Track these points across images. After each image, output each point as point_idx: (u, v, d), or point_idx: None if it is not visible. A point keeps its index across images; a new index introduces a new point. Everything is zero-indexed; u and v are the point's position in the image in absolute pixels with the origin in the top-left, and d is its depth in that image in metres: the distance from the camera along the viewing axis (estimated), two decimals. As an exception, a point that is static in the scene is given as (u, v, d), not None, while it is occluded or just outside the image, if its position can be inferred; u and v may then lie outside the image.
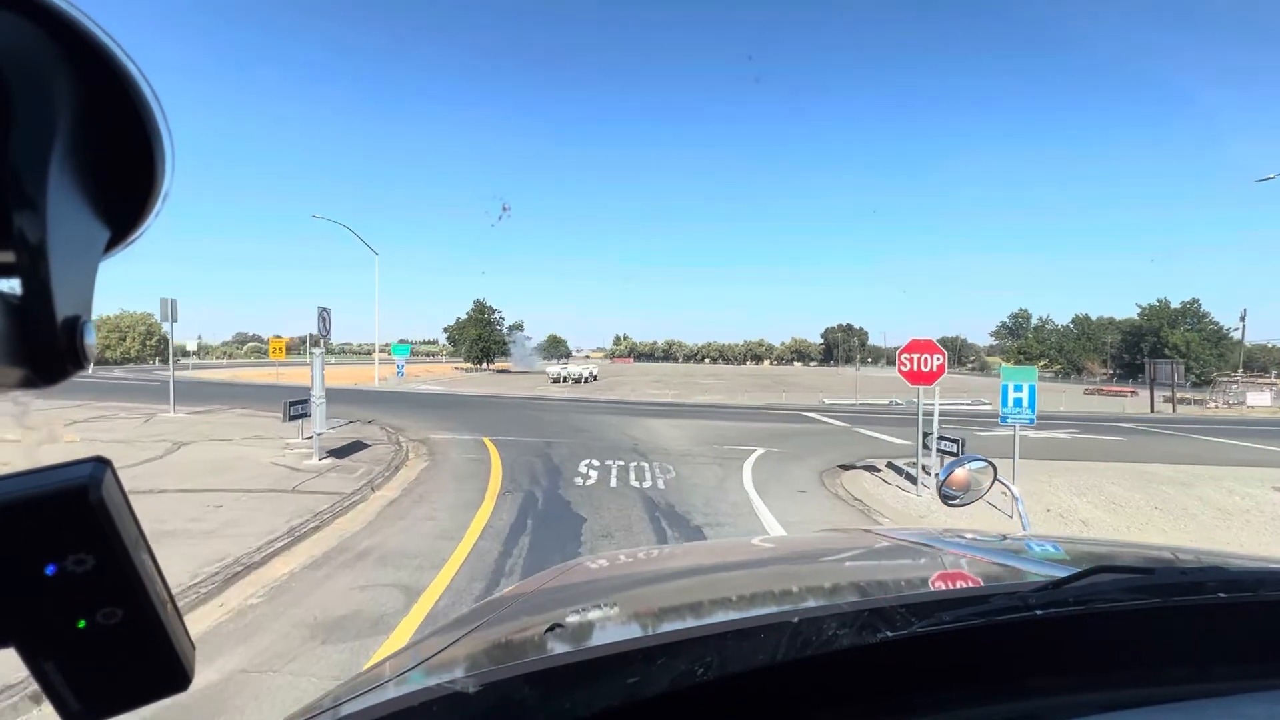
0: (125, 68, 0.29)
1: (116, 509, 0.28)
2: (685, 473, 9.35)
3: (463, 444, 11.59)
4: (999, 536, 1.41)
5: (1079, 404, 36.19)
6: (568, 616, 0.90)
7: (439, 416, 16.05)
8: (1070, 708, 0.63)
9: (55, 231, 0.27)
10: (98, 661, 0.29)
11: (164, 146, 0.31)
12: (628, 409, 21.12)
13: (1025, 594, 0.68)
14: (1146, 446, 14.87)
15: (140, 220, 0.33)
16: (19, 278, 0.27)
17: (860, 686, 0.64)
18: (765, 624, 0.63)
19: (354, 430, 12.42)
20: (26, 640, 0.28)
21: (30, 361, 0.28)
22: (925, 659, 0.66)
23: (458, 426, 14.03)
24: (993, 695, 0.65)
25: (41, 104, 0.27)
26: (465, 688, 0.54)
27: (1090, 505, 7.88)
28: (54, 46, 0.27)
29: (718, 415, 19.89)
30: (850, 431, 15.83)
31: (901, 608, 0.64)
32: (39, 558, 0.27)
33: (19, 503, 0.26)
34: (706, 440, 12.97)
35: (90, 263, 0.31)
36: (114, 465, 0.29)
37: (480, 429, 13.64)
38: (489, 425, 14.29)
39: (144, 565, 0.30)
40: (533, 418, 16.40)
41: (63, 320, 0.28)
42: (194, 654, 0.33)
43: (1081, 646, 0.69)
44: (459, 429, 13.63)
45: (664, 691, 0.55)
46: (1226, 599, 0.70)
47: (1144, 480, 9.68)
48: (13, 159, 0.26)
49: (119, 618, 0.29)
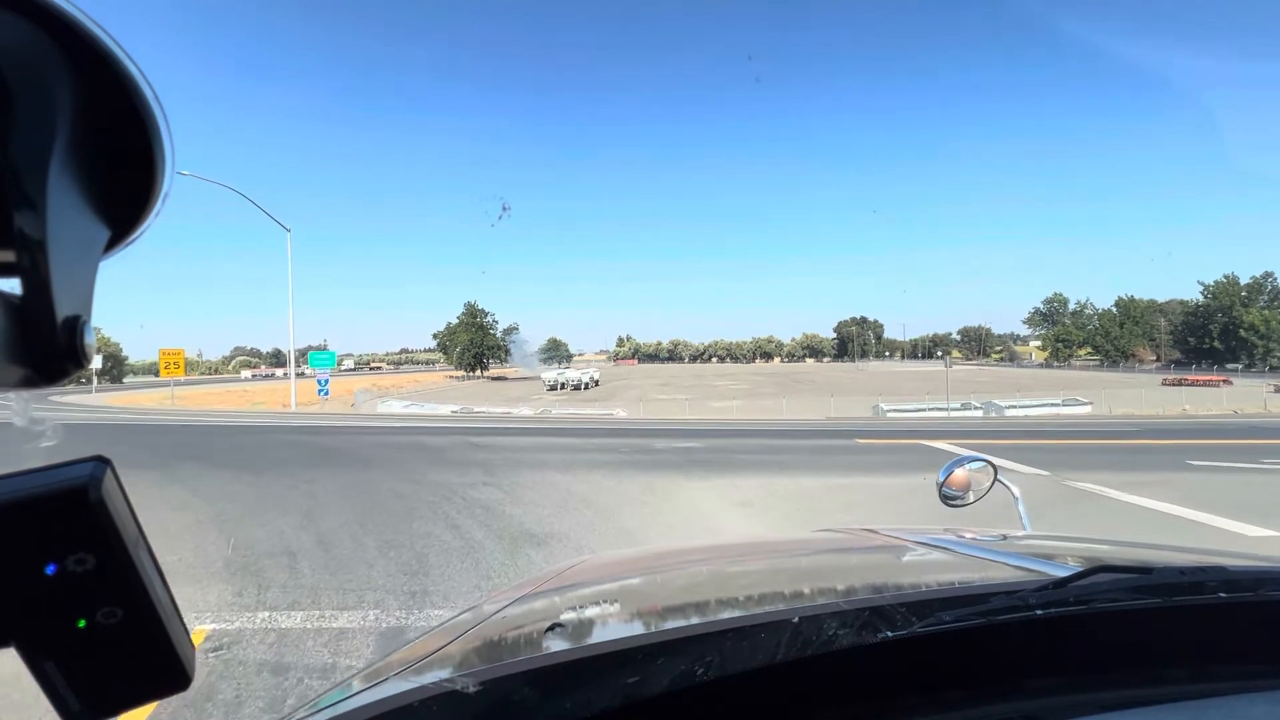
0: (125, 68, 0.29)
1: (117, 509, 0.28)
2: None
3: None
4: (999, 536, 1.36)
5: (1171, 399, 29.52)
6: (568, 615, 0.94)
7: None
8: (1070, 708, 0.63)
9: (55, 231, 0.27)
10: (98, 661, 0.29)
11: (164, 146, 0.31)
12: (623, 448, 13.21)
13: (1025, 594, 0.67)
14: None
15: (140, 220, 0.33)
16: (19, 277, 0.27)
17: (860, 686, 0.65)
18: (765, 623, 0.63)
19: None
20: (27, 640, 0.28)
21: (30, 361, 0.27)
22: (925, 659, 0.65)
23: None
24: (993, 695, 0.65)
25: (41, 104, 0.27)
26: (464, 686, 0.54)
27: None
28: (54, 46, 0.27)
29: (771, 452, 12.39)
30: (1095, 499, 7.88)
31: (901, 607, 0.64)
32: (39, 557, 0.27)
33: (19, 502, 0.26)
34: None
35: (90, 262, 0.31)
36: (114, 465, 0.29)
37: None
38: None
39: (144, 565, 0.29)
40: (402, 501, 7.04)
41: (63, 320, 0.28)
42: (194, 654, 0.33)
43: (1082, 646, 0.69)
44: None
45: (664, 691, 0.55)
46: (1227, 599, 0.70)
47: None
48: (13, 159, 0.26)
49: (119, 618, 0.29)
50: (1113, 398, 28.68)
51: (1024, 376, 57.02)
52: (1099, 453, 11.84)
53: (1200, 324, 69.88)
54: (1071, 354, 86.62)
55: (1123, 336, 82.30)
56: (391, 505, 6.85)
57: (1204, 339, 68.45)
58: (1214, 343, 67.04)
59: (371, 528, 5.94)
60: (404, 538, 5.58)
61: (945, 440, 12.69)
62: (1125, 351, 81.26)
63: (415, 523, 6.12)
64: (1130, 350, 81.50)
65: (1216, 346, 66.84)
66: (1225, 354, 65.63)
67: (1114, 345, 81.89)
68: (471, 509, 6.67)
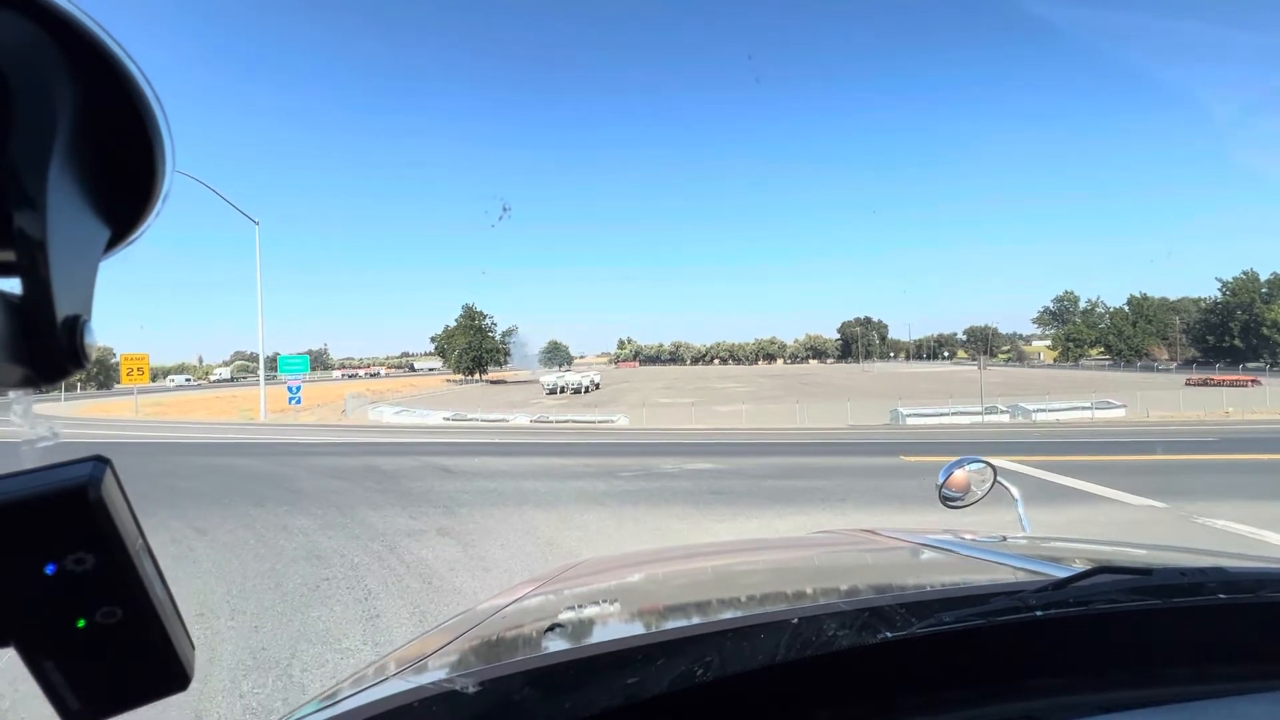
0: (126, 67, 0.29)
1: (116, 508, 0.28)
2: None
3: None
4: (999, 537, 1.37)
5: (1203, 401, 27.52)
6: (567, 615, 0.94)
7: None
8: (1070, 708, 0.63)
9: (55, 231, 0.27)
10: (98, 661, 0.29)
11: (164, 146, 0.31)
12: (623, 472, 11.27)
13: (1025, 594, 0.67)
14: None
15: (140, 220, 0.33)
16: (19, 277, 0.27)
17: (860, 687, 0.65)
18: (765, 624, 0.63)
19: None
20: (26, 640, 0.28)
21: (30, 361, 0.28)
22: (925, 659, 0.65)
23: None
24: (993, 695, 0.65)
25: (42, 104, 0.27)
26: (464, 686, 0.54)
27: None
28: (54, 46, 0.27)
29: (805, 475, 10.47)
30: (1255, 545, 5.87)
31: (901, 608, 0.64)
32: (39, 557, 0.27)
33: (19, 502, 0.26)
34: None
35: (90, 262, 0.31)
36: (114, 464, 0.29)
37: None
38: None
39: (144, 565, 0.29)
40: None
41: (63, 320, 0.28)
42: (194, 654, 0.33)
43: (1082, 647, 0.70)
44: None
45: (664, 691, 0.55)
46: (1226, 600, 0.70)
47: None
48: (13, 158, 0.26)
49: (119, 618, 0.29)
50: (1143, 399, 26.79)
51: (1038, 377, 55.18)
52: (1197, 472, 9.83)
53: (1220, 322, 67.54)
54: (1082, 353, 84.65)
55: (1136, 335, 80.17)
56: (293, 576, 4.83)
57: (1224, 337, 66.15)
58: (1234, 341, 64.77)
59: (244, 619, 3.94)
60: (283, 643, 3.58)
61: (1006, 457, 10.63)
62: (1139, 351, 79.16)
63: (315, 610, 4.11)
64: (1144, 349, 79.40)
65: (1237, 345, 64.57)
66: (1246, 353, 63.42)
67: (1127, 344, 79.75)
68: (407, 580, 4.66)
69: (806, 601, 0.86)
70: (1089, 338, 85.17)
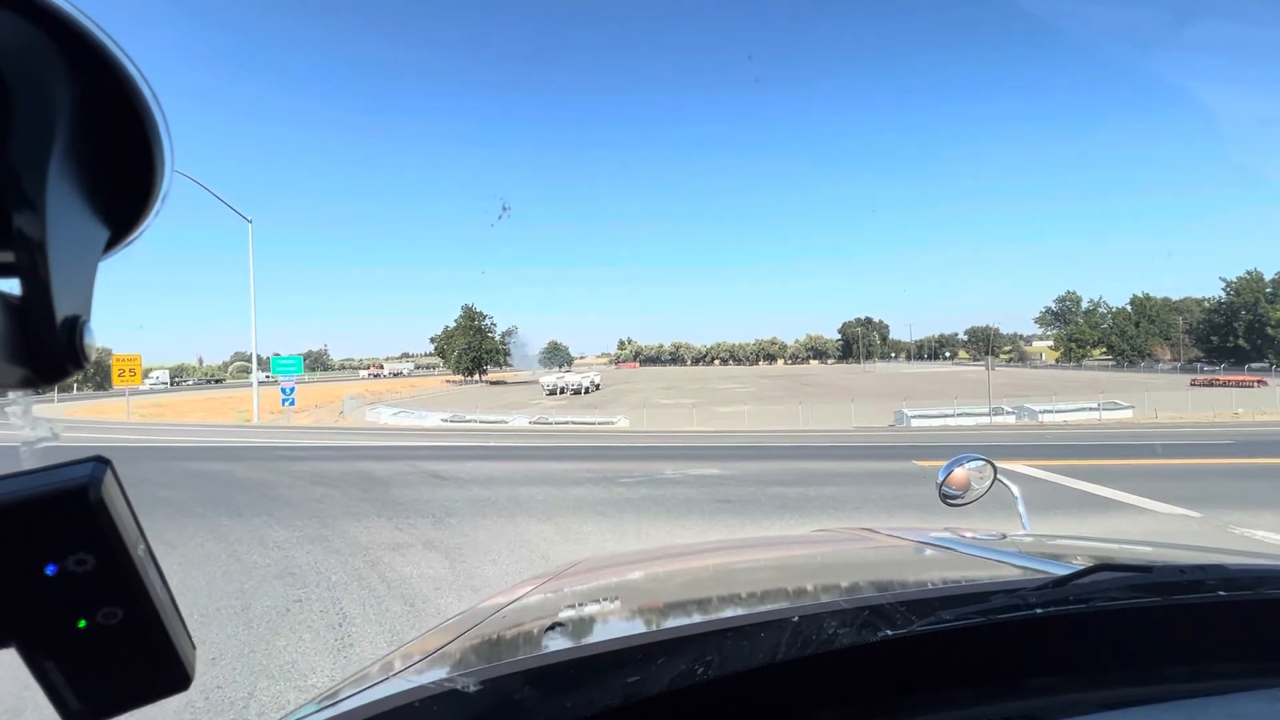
0: (125, 67, 0.29)
1: (117, 509, 0.28)
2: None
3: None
4: (999, 536, 1.36)
5: (1211, 401, 27.09)
6: (568, 614, 0.93)
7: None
8: (1070, 707, 0.63)
9: (55, 231, 0.27)
10: (98, 661, 0.29)
11: (163, 146, 0.31)
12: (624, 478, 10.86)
13: (1025, 592, 0.67)
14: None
15: (140, 220, 0.33)
16: (19, 278, 0.27)
17: (860, 686, 0.64)
18: (765, 622, 0.63)
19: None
20: (27, 640, 0.28)
21: (30, 361, 0.27)
22: (925, 658, 0.65)
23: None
24: (993, 694, 0.65)
25: (41, 104, 0.27)
26: (465, 685, 0.54)
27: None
28: (54, 46, 0.27)
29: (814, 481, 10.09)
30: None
31: (901, 606, 0.63)
32: (39, 558, 0.27)
33: (19, 503, 0.26)
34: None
35: (90, 262, 0.31)
36: (114, 465, 0.29)
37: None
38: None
39: (144, 565, 0.29)
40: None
41: (62, 320, 0.28)
42: (194, 654, 0.33)
43: (1082, 645, 0.69)
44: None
45: (664, 691, 0.55)
46: (1226, 597, 0.70)
47: None
48: (12, 159, 0.26)
49: (119, 618, 0.29)
50: (1149, 400, 26.42)
51: (1042, 377, 54.89)
52: (1223, 477, 9.41)
53: (1224, 322, 67.04)
54: (1085, 354, 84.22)
55: (1139, 336, 79.72)
56: (263, 597, 4.41)
57: (1228, 337, 65.66)
58: (1238, 341, 64.29)
59: (203, 650, 3.51)
60: (242, 680, 3.17)
61: (1022, 461, 10.22)
62: (1142, 351, 78.72)
63: (282, 638, 3.70)
64: (1147, 350, 78.95)
65: (1241, 345, 64.09)
66: (1250, 353, 62.96)
67: (1130, 345, 79.29)
68: (387, 602, 4.25)
69: (807, 600, 0.86)
70: (1091, 338, 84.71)
